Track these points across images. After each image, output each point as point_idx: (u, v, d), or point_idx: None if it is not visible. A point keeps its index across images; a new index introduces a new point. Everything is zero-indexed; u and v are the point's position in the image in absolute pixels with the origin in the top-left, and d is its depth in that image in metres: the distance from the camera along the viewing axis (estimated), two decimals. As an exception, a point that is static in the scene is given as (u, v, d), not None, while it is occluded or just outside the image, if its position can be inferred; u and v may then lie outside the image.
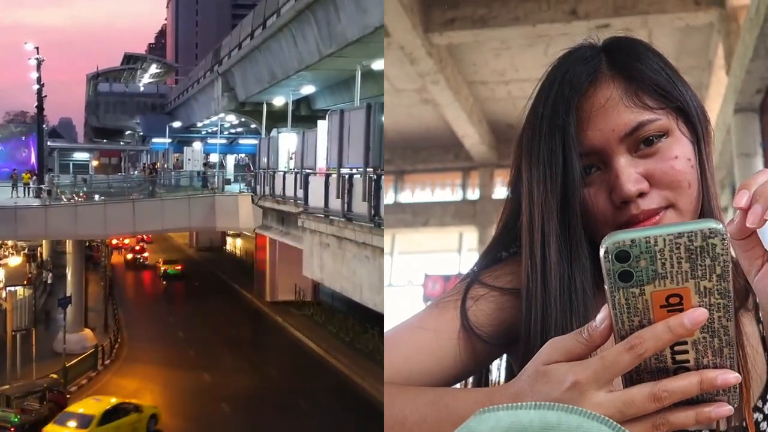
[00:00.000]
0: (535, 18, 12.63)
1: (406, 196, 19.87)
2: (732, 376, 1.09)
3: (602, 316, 1.14)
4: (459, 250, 19.54)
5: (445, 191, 20.04)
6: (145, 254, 49.49)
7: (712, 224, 1.04)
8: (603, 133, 1.66)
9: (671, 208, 1.65)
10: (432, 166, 19.56)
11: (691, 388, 1.09)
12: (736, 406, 1.13)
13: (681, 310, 1.06)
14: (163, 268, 44.25)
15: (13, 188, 36.74)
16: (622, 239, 1.05)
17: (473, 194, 19.69)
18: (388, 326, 2.02)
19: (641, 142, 1.65)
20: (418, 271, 18.29)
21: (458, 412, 1.47)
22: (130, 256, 49.76)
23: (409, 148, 18.64)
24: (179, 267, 44.37)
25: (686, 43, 13.23)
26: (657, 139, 1.65)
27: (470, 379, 1.87)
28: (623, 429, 0.87)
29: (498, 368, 1.90)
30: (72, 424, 19.89)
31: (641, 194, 1.63)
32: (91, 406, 20.91)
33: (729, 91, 12.06)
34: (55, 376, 24.18)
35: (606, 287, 1.08)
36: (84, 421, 20.05)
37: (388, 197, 18.69)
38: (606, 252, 1.05)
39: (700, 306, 1.06)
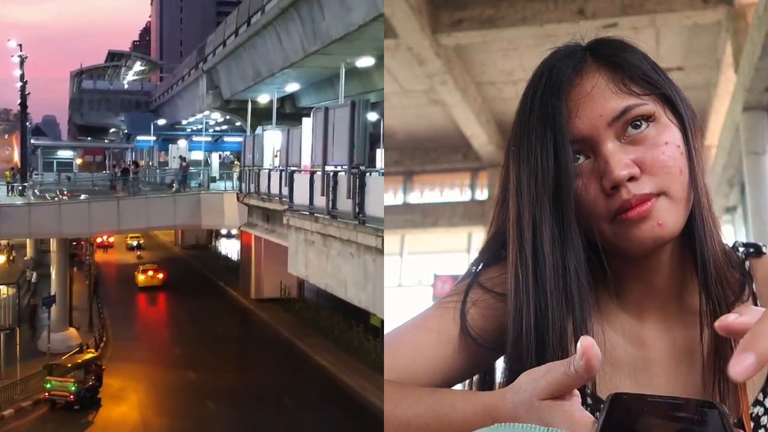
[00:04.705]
0: (542, 18, 12.57)
1: (416, 197, 19.86)
2: None
3: (579, 352, 1.15)
4: (468, 250, 19.53)
5: (454, 191, 20.04)
6: (111, 239, 54.70)
7: None
8: (590, 119, 1.67)
9: (663, 195, 1.65)
10: (441, 167, 19.54)
11: None
12: None
13: None
14: (132, 243, 54.69)
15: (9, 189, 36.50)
16: None
17: (482, 194, 19.69)
18: (388, 327, 2.05)
19: (629, 125, 1.66)
20: (428, 271, 18.31)
21: (459, 421, 1.51)
22: (99, 240, 51.04)
23: (418, 148, 18.64)
24: (142, 240, 55.21)
25: (694, 42, 13.13)
26: (644, 123, 1.66)
27: (475, 378, 1.90)
28: None
29: (503, 370, 1.91)
30: (150, 273, 40.65)
31: (632, 179, 1.63)
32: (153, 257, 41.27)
33: (738, 89, 11.95)
34: (93, 350, 27.04)
35: None
36: (158, 269, 41.31)
37: (397, 198, 18.72)
38: None
39: None
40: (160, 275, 40.86)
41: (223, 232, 55.44)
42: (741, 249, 1.87)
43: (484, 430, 0.90)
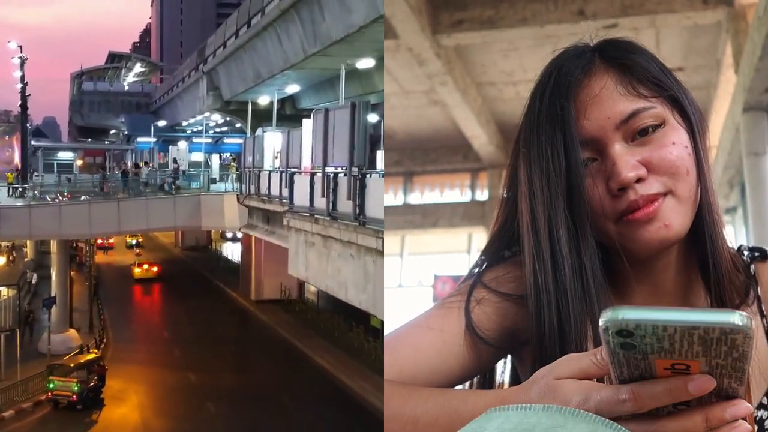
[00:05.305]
0: (542, 19, 12.55)
1: (416, 198, 19.85)
2: (743, 407, 0.99)
3: None
4: (468, 251, 19.48)
5: (454, 192, 19.98)
6: (111, 240, 55.76)
7: (737, 320, 0.88)
8: (598, 121, 1.67)
9: (670, 195, 1.65)
10: (441, 168, 19.48)
11: (694, 428, 0.98)
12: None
13: (687, 374, 0.95)
14: (131, 241, 56.78)
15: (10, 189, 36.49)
16: (624, 321, 0.92)
17: (482, 195, 19.62)
18: (388, 328, 2.04)
19: (637, 133, 1.66)
20: (428, 272, 18.31)
21: (469, 415, 1.47)
22: (100, 240, 51.15)
23: (418, 149, 18.63)
24: (141, 239, 57.11)
25: (694, 42, 13.11)
26: (653, 130, 1.66)
27: (474, 380, 1.88)
28: None
29: (502, 370, 1.91)
30: (145, 267, 44.85)
31: (639, 180, 1.63)
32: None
33: (738, 90, 11.93)
34: (96, 351, 27.38)
35: (603, 345, 0.98)
36: (153, 263, 45.64)
37: (397, 199, 18.74)
38: (606, 328, 0.94)
39: (708, 374, 0.94)
40: (155, 269, 45.21)
41: (228, 235, 55.40)
42: (746, 252, 1.88)
43: (478, 419, 0.89)
